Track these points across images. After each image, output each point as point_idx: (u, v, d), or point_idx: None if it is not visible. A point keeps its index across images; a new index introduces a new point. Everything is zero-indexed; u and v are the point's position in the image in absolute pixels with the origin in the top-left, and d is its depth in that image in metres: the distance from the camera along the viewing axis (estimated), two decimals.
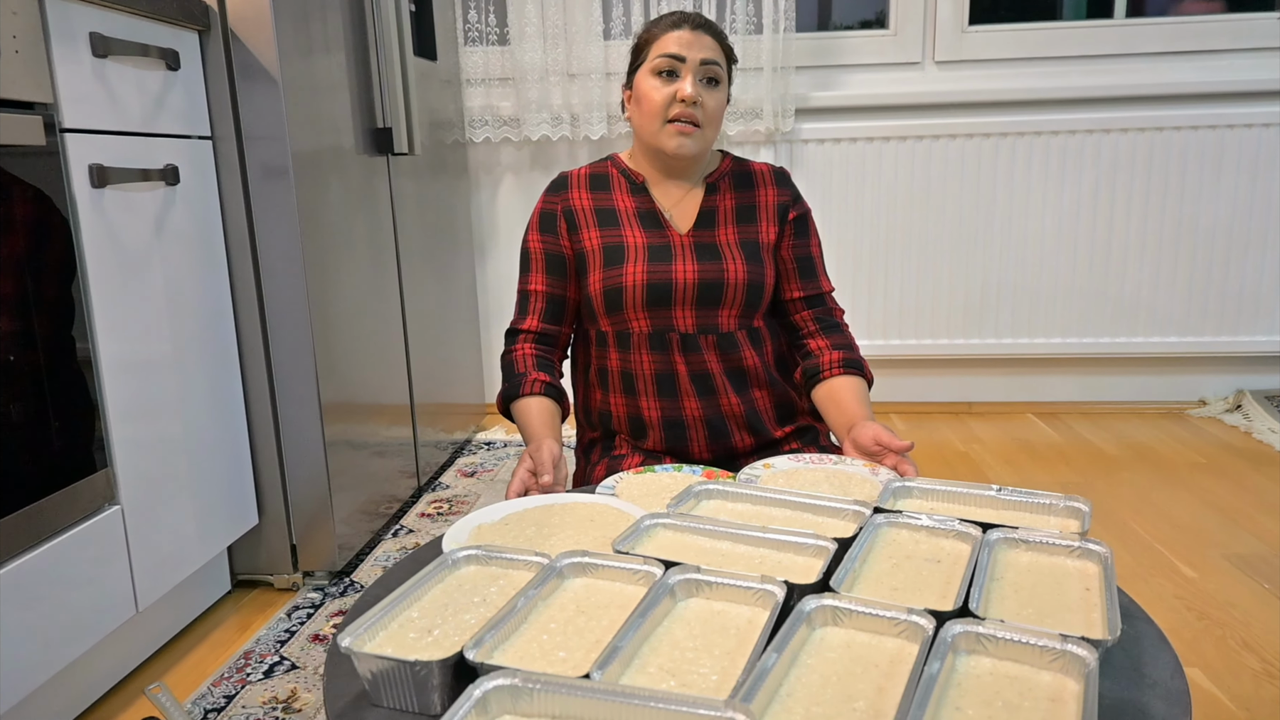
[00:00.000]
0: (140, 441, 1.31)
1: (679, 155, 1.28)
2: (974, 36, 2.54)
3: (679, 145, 1.27)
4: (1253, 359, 2.59)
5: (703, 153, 1.31)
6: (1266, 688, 1.28)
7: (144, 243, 1.32)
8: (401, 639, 0.70)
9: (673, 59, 1.26)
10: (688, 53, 1.26)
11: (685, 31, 1.27)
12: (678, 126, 1.26)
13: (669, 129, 1.27)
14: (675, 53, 1.26)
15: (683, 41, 1.26)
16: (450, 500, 2.06)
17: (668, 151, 1.28)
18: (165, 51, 1.34)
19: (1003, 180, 2.51)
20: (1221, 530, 1.80)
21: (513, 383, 1.30)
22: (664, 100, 1.26)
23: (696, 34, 1.27)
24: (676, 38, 1.27)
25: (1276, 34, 2.47)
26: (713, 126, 1.29)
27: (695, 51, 1.26)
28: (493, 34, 2.51)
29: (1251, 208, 2.47)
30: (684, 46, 1.26)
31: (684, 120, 1.26)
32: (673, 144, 1.27)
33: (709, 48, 1.27)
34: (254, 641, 1.46)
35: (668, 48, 1.26)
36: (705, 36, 1.27)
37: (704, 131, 1.28)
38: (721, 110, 1.30)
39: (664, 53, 1.26)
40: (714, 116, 1.29)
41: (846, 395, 1.29)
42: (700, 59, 1.26)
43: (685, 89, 1.25)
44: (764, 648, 0.66)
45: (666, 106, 1.26)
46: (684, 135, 1.26)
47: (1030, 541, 0.86)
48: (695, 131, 1.27)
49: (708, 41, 1.27)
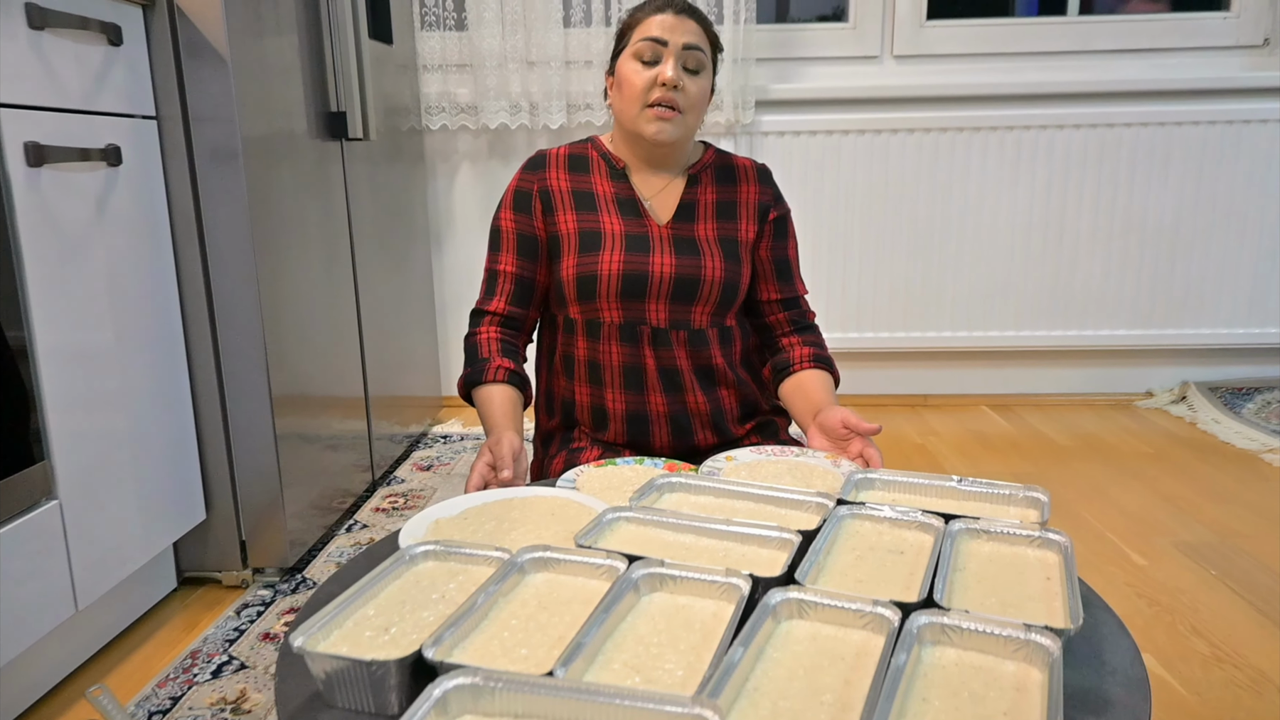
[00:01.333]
0: (80, 434, 1.25)
1: (658, 140, 1.26)
2: (932, 31, 2.56)
3: (658, 130, 1.25)
4: (1197, 351, 2.66)
5: (683, 139, 1.29)
6: (1215, 671, 1.31)
7: (84, 225, 1.26)
8: (357, 637, 0.68)
9: (655, 43, 1.24)
10: (670, 36, 1.24)
11: (669, 15, 1.24)
12: (657, 111, 1.24)
13: (648, 113, 1.25)
14: (657, 36, 1.24)
15: (665, 25, 1.24)
16: (406, 495, 2.03)
17: (647, 136, 1.26)
18: (107, 26, 1.29)
19: (958, 174, 2.54)
20: (1170, 519, 1.84)
21: (476, 368, 1.27)
22: (644, 84, 1.24)
23: (680, 18, 1.25)
24: (659, 21, 1.24)
25: (1224, 34, 2.53)
26: (694, 113, 1.27)
27: (678, 36, 1.24)
28: (450, 19, 2.46)
29: (1197, 204, 2.53)
30: (666, 30, 1.24)
31: (664, 105, 1.24)
32: (652, 129, 1.25)
33: (692, 33, 1.25)
34: (201, 640, 1.42)
35: (650, 31, 1.24)
36: (689, 21, 1.25)
37: (684, 117, 1.26)
38: (704, 97, 1.28)
39: (646, 36, 1.24)
40: (696, 103, 1.26)
41: (813, 386, 1.29)
42: (683, 44, 1.24)
43: (666, 72, 1.23)
44: (730, 642, 0.65)
45: (646, 91, 1.24)
46: (663, 120, 1.24)
47: (992, 532, 0.86)
48: (675, 116, 1.24)
49: (691, 26, 1.25)
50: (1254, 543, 1.72)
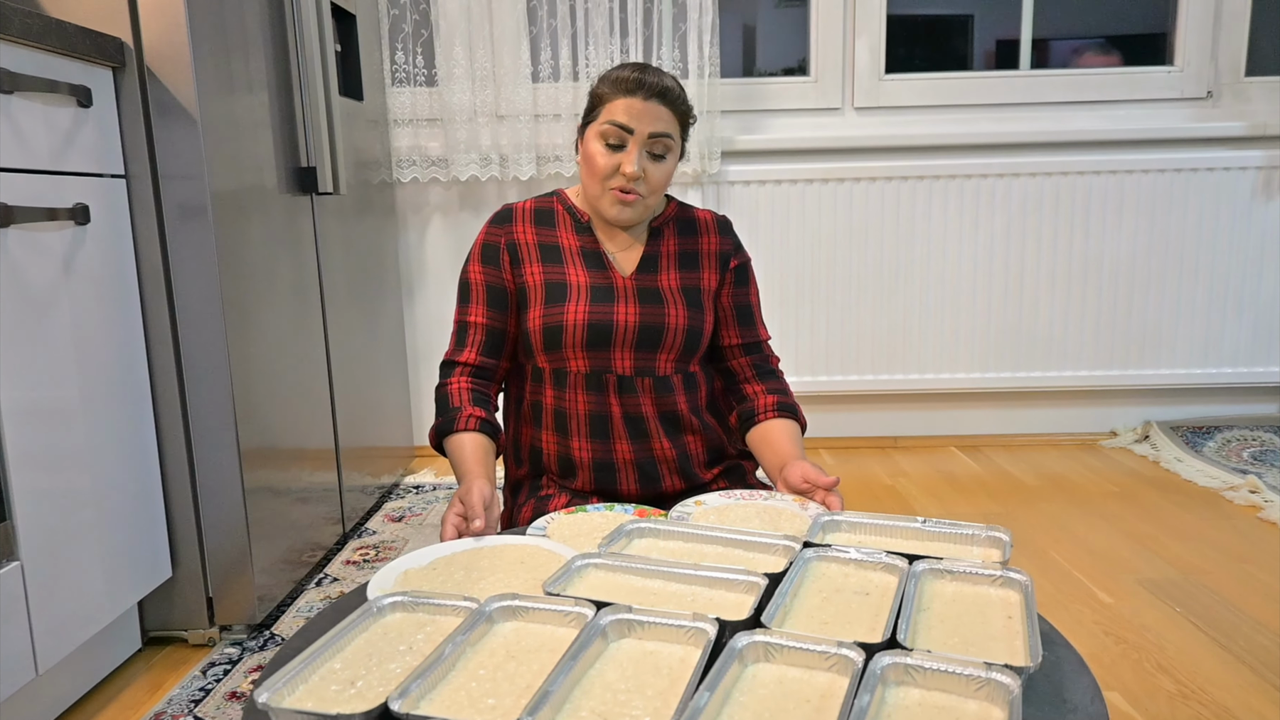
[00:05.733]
0: (43, 493, 1.24)
1: (618, 221, 1.29)
2: (890, 84, 2.64)
3: (618, 213, 1.27)
4: (1158, 391, 2.72)
5: (644, 217, 1.31)
6: (1181, 709, 1.32)
7: (51, 284, 1.26)
8: (323, 692, 0.67)
9: (620, 129, 1.23)
10: (636, 125, 1.23)
11: (637, 101, 1.23)
12: (618, 195, 1.25)
13: (610, 195, 1.26)
14: (623, 124, 1.23)
15: (633, 112, 1.23)
16: (377, 546, 2.01)
17: (607, 217, 1.29)
18: (77, 88, 1.30)
19: (920, 221, 2.60)
20: (1135, 556, 1.87)
21: (447, 417, 1.28)
22: (607, 169, 1.25)
23: (649, 104, 1.23)
24: (626, 106, 1.23)
25: (1169, 86, 2.64)
26: (656, 195, 1.28)
27: (644, 125, 1.23)
28: (420, 75, 2.51)
29: (1150, 249, 2.61)
30: (633, 118, 1.23)
31: (624, 190, 1.25)
32: (612, 211, 1.27)
33: (661, 120, 1.24)
34: (166, 702, 1.38)
35: (616, 116, 1.23)
36: (658, 107, 1.24)
37: (645, 200, 1.27)
38: (667, 178, 1.29)
39: (612, 120, 1.23)
40: (658, 186, 1.27)
41: (779, 437, 1.31)
42: (649, 132, 1.23)
43: (628, 167, 1.23)
44: (696, 686, 0.65)
45: (608, 176, 1.25)
46: (624, 204, 1.26)
47: (955, 572, 0.87)
48: (636, 199, 1.26)
49: (660, 113, 1.24)
50: (1217, 579, 1.75)
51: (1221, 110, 2.64)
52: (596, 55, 2.46)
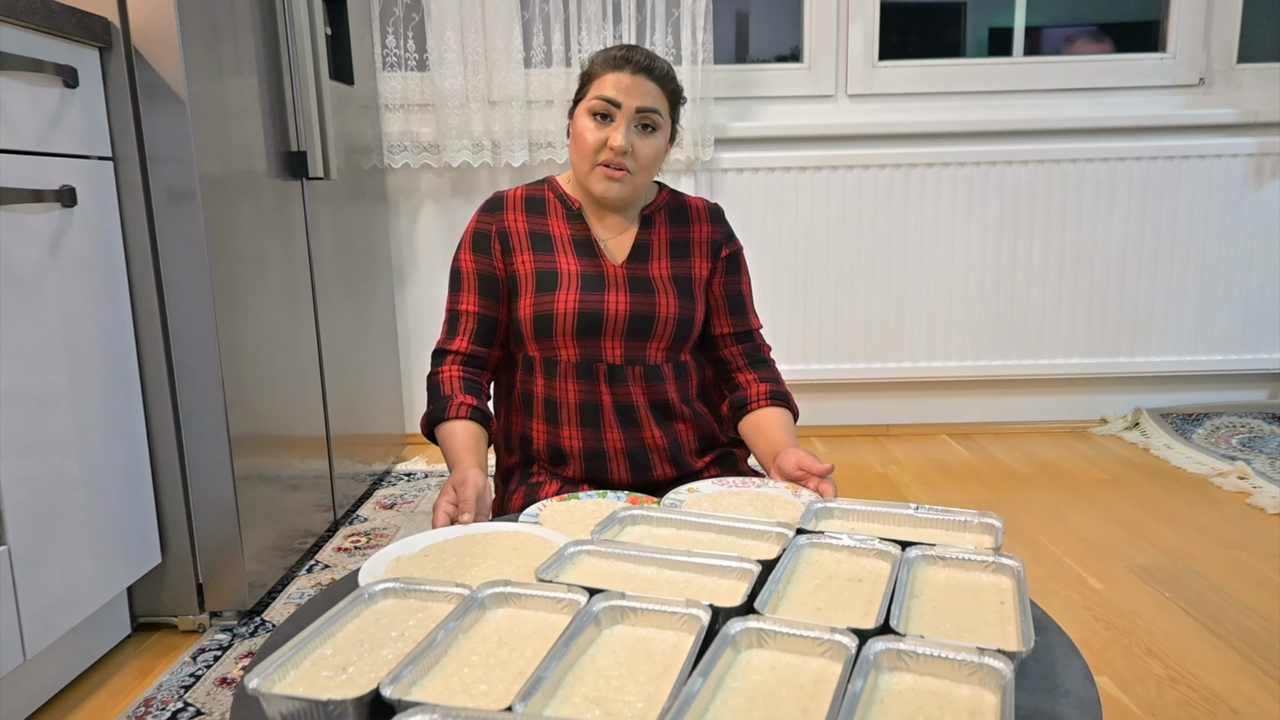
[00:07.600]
0: (31, 478, 1.23)
1: (605, 198, 1.28)
2: (884, 71, 2.63)
3: (605, 189, 1.26)
4: (1148, 378, 2.73)
5: (633, 196, 1.30)
6: (1170, 693, 1.33)
7: (36, 267, 1.25)
8: (314, 678, 0.67)
9: (608, 103, 1.23)
10: (624, 99, 1.23)
11: (625, 75, 1.23)
12: (606, 171, 1.25)
13: (598, 171, 1.26)
14: (611, 97, 1.23)
15: (620, 86, 1.23)
16: (368, 533, 2.00)
17: (595, 193, 1.28)
18: (62, 68, 1.29)
19: (913, 209, 2.60)
20: (1125, 543, 1.88)
21: (438, 405, 1.27)
22: (595, 143, 1.25)
23: (637, 79, 1.23)
24: (614, 81, 1.23)
25: (1162, 74, 2.63)
26: (645, 172, 1.28)
27: (632, 99, 1.23)
28: (412, 60, 2.49)
29: (1142, 236, 2.62)
30: (621, 92, 1.23)
31: (613, 166, 1.25)
32: (600, 187, 1.27)
33: (648, 94, 1.24)
34: (155, 688, 1.38)
35: (604, 90, 1.24)
36: (646, 82, 1.24)
37: (634, 177, 1.26)
38: (657, 155, 1.28)
39: (600, 95, 1.24)
40: (647, 163, 1.27)
41: (772, 425, 1.31)
42: (636, 106, 1.23)
43: (615, 139, 1.23)
44: (689, 672, 0.65)
45: (597, 150, 1.25)
46: (612, 180, 1.25)
47: (947, 558, 0.88)
48: (624, 176, 1.25)
49: (648, 88, 1.24)
50: (1205, 565, 1.76)
51: (1213, 97, 2.63)
52: (589, 40, 2.44)
